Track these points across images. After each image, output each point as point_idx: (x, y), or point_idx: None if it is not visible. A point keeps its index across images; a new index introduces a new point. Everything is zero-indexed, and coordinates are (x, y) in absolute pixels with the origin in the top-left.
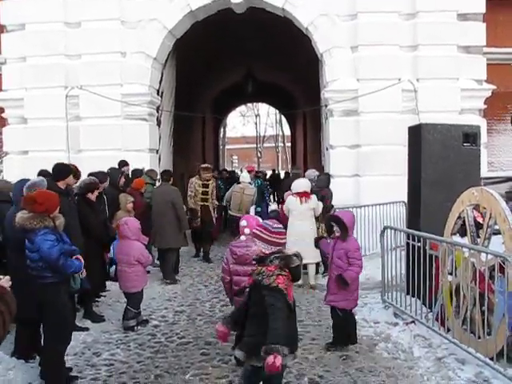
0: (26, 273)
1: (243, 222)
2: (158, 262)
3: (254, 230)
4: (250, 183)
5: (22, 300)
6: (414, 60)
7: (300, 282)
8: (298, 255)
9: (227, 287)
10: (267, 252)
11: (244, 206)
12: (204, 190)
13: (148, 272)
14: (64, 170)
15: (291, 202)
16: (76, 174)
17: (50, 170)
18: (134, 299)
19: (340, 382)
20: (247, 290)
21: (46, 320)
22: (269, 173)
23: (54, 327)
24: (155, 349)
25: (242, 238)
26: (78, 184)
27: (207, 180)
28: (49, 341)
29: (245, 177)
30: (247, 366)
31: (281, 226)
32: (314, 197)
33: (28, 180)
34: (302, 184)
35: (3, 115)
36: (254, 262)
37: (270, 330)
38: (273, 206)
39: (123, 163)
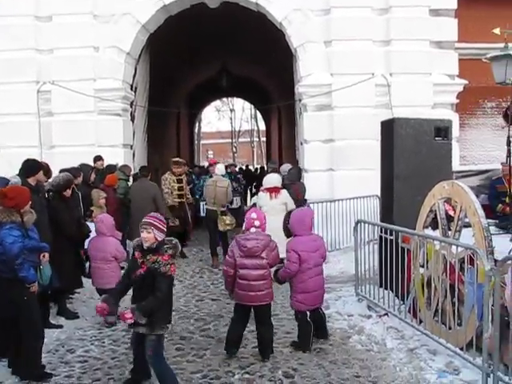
0: None
1: (253, 215)
2: None
3: (151, 221)
4: (223, 175)
5: None
6: (387, 55)
7: None
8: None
9: (229, 280)
10: (159, 239)
11: (218, 198)
12: (179, 185)
13: (122, 268)
14: (34, 167)
15: (261, 197)
16: (47, 171)
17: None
18: None
19: (314, 375)
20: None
21: (18, 317)
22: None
23: (25, 323)
24: (129, 344)
25: (252, 230)
26: (51, 180)
27: (180, 175)
28: (22, 337)
29: (219, 169)
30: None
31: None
32: (284, 191)
33: (3, 178)
34: (272, 179)
35: None
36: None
37: (147, 303)
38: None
39: (97, 158)
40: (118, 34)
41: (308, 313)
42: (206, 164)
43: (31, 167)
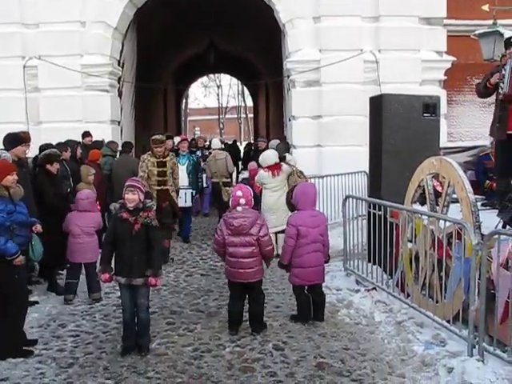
0: None
1: (238, 193)
2: None
3: (135, 183)
4: (220, 149)
5: None
6: (375, 31)
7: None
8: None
9: (223, 257)
10: (142, 200)
11: (219, 171)
12: (160, 170)
13: None
14: (15, 140)
15: (263, 176)
16: (26, 140)
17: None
18: (94, 269)
19: (303, 348)
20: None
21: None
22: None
23: (12, 302)
24: (121, 319)
25: (239, 209)
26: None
27: (163, 156)
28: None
29: (215, 143)
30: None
31: None
32: (284, 165)
33: None
34: (271, 156)
35: None
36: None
37: (156, 258)
38: (245, 174)
39: (86, 134)
40: (104, 9)
41: (306, 286)
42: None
43: (11, 141)
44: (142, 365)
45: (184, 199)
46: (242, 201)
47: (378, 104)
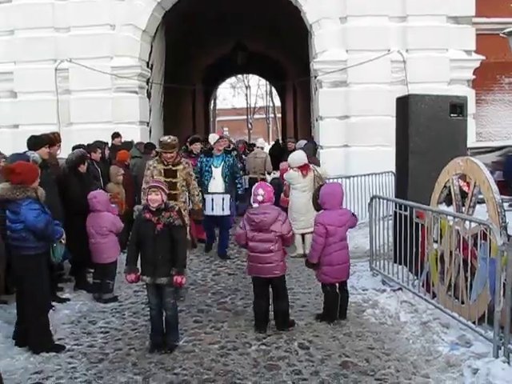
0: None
1: (260, 191)
2: None
3: (159, 184)
4: (262, 148)
5: None
6: (403, 31)
7: (302, 251)
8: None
9: (246, 247)
10: (165, 200)
11: (257, 168)
12: (168, 180)
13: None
14: (37, 143)
15: (293, 176)
16: (53, 143)
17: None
18: (110, 270)
19: (329, 347)
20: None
21: (27, 292)
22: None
23: (34, 298)
24: (149, 317)
25: (255, 205)
26: (67, 157)
27: (173, 164)
28: (31, 313)
29: (260, 142)
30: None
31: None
32: (312, 166)
33: (23, 154)
34: (300, 157)
35: None
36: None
37: (180, 257)
38: (276, 174)
39: (116, 135)
40: (133, 12)
41: (337, 284)
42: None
43: (34, 143)
44: (169, 361)
45: (221, 206)
46: (260, 198)
47: (404, 104)
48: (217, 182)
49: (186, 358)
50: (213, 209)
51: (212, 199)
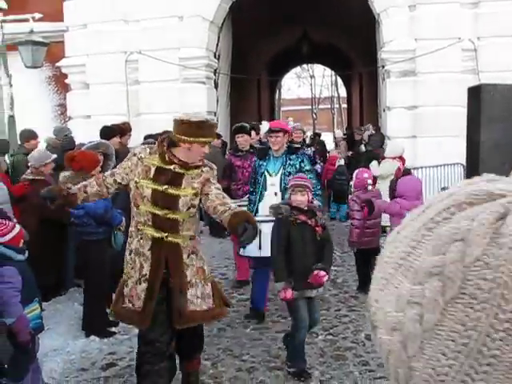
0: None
1: (365, 175)
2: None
3: (306, 183)
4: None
5: None
6: (474, 18)
7: None
8: None
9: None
10: (310, 200)
11: None
12: (164, 191)
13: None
14: (107, 133)
15: (394, 167)
16: (123, 131)
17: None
18: None
19: None
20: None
21: (89, 277)
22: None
23: (95, 284)
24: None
25: (370, 188)
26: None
27: (185, 166)
28: (89, 297)
29: (337, 133)
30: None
31: None
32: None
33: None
34: (399, 146)
35: (66, 81)
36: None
37: (328, 257)
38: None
39: None
40: (201, 3)
41: None
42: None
43: (106, 133)
44: (237, 348)
45: (259, 242)
46: (370, 181)
47: (476, 94)
48: (271, 200)
49: (253, 345)
50: (260, 247)
51: (259, 232)
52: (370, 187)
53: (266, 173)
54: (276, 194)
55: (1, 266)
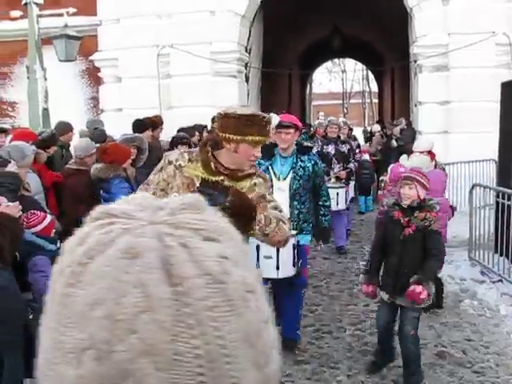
0: None
1: (401, 169)
2: None
3: (415, 175)
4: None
5: None
6: (508, 11)
7: None
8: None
9: None
10: (422, 197)
11: None
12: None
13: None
14: (139, 126)
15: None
16: (156, 124)
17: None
18: None
19: (424, 335)
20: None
21: None
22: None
23: None
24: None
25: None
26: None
27: (235, 177)
28: None
29: (375, 128)
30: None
31: None
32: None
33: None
34: (429, 140)
35: (100, 75)
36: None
37: (430, 268)
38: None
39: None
40: None
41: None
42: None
43: (138, 126)
44: None
45: (287, 263)
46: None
47: (510, 90)
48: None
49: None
50: (278, 267)
51: (277, 250)
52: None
53: (273, 175)
54: (283, 200)
55: (34, 256)
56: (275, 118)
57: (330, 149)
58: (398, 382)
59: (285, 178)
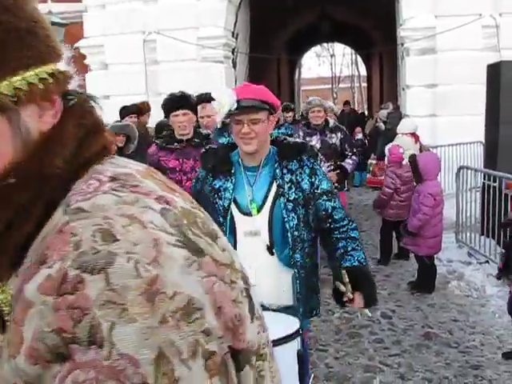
0: None
1: (400, 150)
2: None
3: None
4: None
5: None
6: None
7: None
8: None
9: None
10: None
11: None
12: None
13: None
14: (126, 113)
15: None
16: (142, 111)
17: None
18: None
19: (411, 317)
20: None
21: None
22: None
23: None
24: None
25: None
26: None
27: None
28: None
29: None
30: None
31: None
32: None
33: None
34: (413, 122)
35: (86, 62)
36: None
37: None
38: None
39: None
40: None
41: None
42: None
43: (123, 114)
44: None
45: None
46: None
47: (496, 72)
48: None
49: None
50: None
51: None
52: (404, 161)
53: (234, 207)
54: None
55: None
56: (226, 97)
57: (315, 141)
58: (385, 362)
59: (260, 209)
